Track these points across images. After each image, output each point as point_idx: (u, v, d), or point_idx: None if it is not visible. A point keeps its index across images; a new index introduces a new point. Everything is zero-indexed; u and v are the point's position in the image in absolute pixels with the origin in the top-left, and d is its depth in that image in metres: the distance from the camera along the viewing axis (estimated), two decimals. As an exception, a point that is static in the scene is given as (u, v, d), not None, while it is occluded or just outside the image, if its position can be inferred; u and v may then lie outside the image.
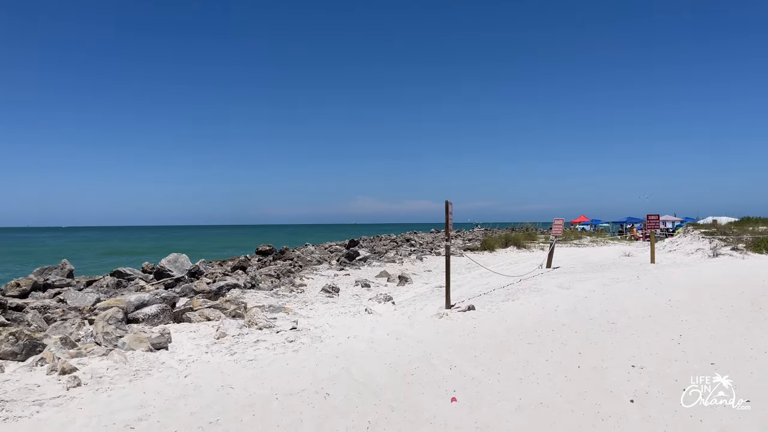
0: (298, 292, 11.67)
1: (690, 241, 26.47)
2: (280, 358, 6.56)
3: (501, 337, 7.44)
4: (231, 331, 7.71)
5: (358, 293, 12.06)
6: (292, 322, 8.40)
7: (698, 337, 7.17)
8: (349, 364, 6.26)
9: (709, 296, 10.80)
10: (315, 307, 10.16)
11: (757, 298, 10.48)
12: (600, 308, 9.69)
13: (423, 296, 11.75)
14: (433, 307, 10.16)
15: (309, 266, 17.41)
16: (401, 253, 23.33)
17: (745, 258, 21.01)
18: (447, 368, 5.98)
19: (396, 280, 14.36)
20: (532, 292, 12.07)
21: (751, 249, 22.10)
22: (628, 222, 51.78)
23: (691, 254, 23.35)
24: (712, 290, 11.72)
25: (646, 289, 12.34)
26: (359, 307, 10.10)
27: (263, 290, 11.45)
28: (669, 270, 16.94)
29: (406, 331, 8.04)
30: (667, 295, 11.01)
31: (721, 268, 17.01)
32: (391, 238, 33.73)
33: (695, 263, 19.63)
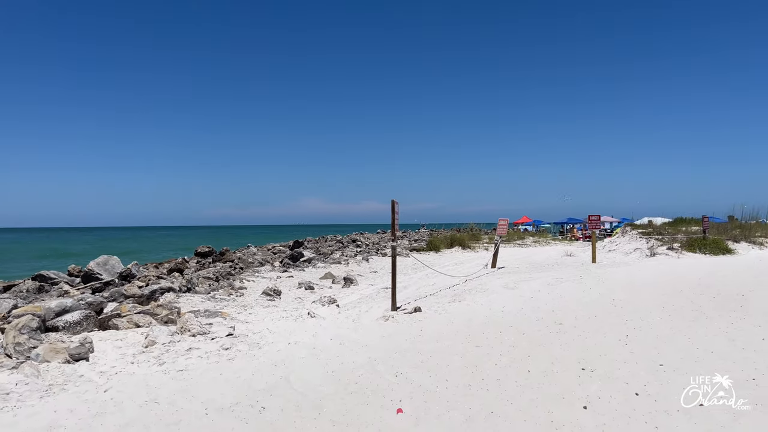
0: (238, 296, 11.12)
1: (628, 241, 27.22)
2: (213, 368, 6.07)
3: (448, 341, 7.19)
4: (161, 339, 7.15)
5: (301, 296, 11.61)
6: (228, 328, 7.89)
7: (644, 337, 7.12)
8: (288, 373, 5.85)
9: (650, 295, 10.92)
10: (255, 311, 9.66)
11: (696, 297, 10.67)
12: (546, 308, 9.61)
13: (368, 298, 11.41)
14: (378, 309, 9.84)
15: (250, 268, 16.79)
16: (347, 254, 22.94)
17: (681, 257, 21.71)
18: (393, 375, 5.65)
19: (341, 281, 13.97)
20: (478, 292, 11.93)
21: (686, 248, 22.86)
22: (569, 223, 53.11)
23: (630, 254, 23.98)
24: (652, 289, 11.89)
25: (590, 288, 12.41)
26: (302, 310, 9.67)
27: (200, 294, 10.83)
28: (610, 269, 17.22)
29: (350, 335, 7.68)
30: (610, 295, 11.08)
31: (658, 267, 17.43)
32: (336, 239, 33.26)
33: (634, 262, 20.10)
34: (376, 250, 25.73)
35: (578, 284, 13.27)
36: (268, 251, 22.55)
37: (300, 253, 19.84)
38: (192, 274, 14.63)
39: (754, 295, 10.79)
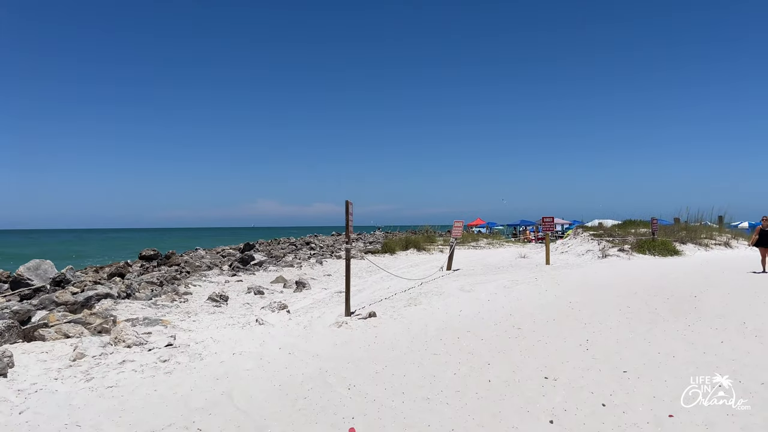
0: (181, 302, 10.47)
1: (580, 243, 27.56)
2: (147, 383, 5.52)
3: (404, 348, 6.82)
4: (92, 351, 6.53)
5: (250, 301, 11.05)
6: (169, 338, 7.31)
7: (604, 341, 6.93)
8: (231, 388, 5.36)
9: (606, 297, 10.85)
10: (199, 318, 9.06)
11: (650, 299, 10.66)
12: (503, 312, 9.38)
13: (321, 303, 10.95)
14: (331, 314, 9.40)
15: (198, 272, 16.05)
16: (300, 256, 22.37)
17: (631, 259, 22.05)
18: (345, 388, 5.24)
19: (293, 285, 13.45)
20: (434, 295, 11.64)
21: (636, 250, 23.26)
22: (522, 225, 53.73)
23: (582, 255, 24.24)
24: (607, 291, 11.86)
25: (546, 290, 12.30)
26: (250, 317, 9.13)
27: (140, 300, 10.14)
28: (564, 271, 17.26)
29: (300, 344, 7.22)
30: (567, 297, 10.96)
31: (611, 269, 17.60)
32: (290, 242, 32.56)
33: (587, 264, 20.28)
34: (330, 253, 25.23)
35: (534, 286, 13.15)
36: (218, 254, 21.75)
37: (251, 256, 19.16)
38: (134, 279, 13.83)
39: (705, 296, 10.87)
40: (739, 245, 25.93)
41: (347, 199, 9.47)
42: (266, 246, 28.54)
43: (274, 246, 28.62)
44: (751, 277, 14.29)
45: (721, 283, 12.90)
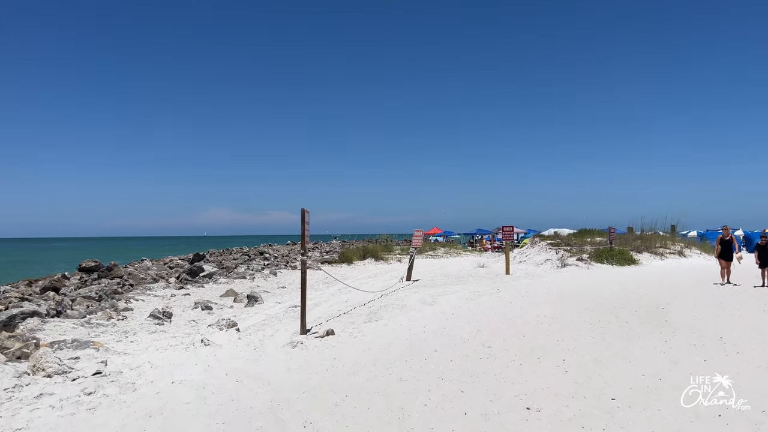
0: (119, 320, 9.50)
1: (538, 252, 27.46)
2: (65, 424, 4.68)
3: (366, 373, 6.14)
4: (3, 383, 5.61)
5: (197, 318, 10.16)
6: (98, 364, 6.43)
7: (582, 361, 6.43)
8: (165, 426, 4.57)
9: (575, 310, 10.45)
10: (137, 338, 8.16)
11: (618, 311, 10.30)
12: (470, 328, 8.81)
13: (275, 319, 10.17)
14: (286, 332, 8.65)
15: (141, 285, 14.97)
16: (253, 267, 21.40)
17: (590, 268, 21.98)
18: (300, 426, 4.53)
19: (244, 299, 12.58)
20: (395, 309, 11.01)
21: (594, 259, 23.23)
22: (478, 233, 53.82)
23: (541, 264, 24.09)
24: (573, 303, 11.47)
25: (510, 303, 11.84)
26: (195, 336, 8.28)
27: (73, 318, 9.14)
28: (525, 281, 16.93)
29: (250, 369, 6.45)
30: (533, 310, 10.50)
31: (573, 279, 17.36)
32: (243, 252, 31.38)
33: (547, 274, 20.05)
34: (285, 263, 24.32)
35: (497, 298, 12.69)
36: (165, 265, 20.56)
37: (200, 267, 18.12)
38: (69, 293, 12.71)
39: (673, 308, 10.60)
40: (692, 254, 26.30)
41: (303, 207, 8.76)
42: (217, 256, 27.36)
43: (226, 256, 27.46)
44: (712, 288, 14.22)
45: (685, 294, 12.73)
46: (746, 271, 16.85)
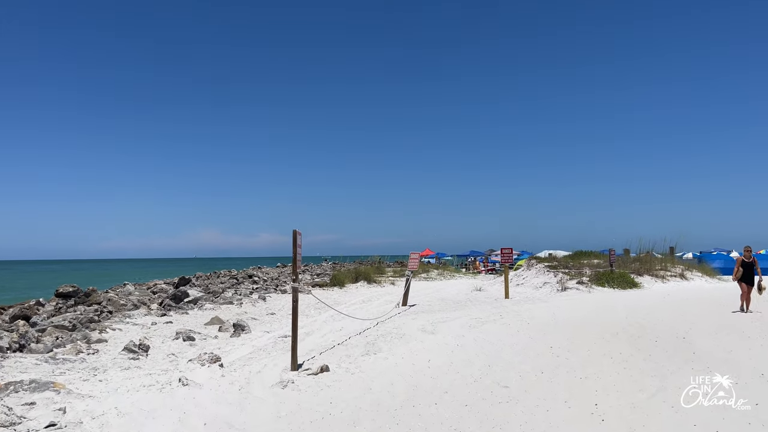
0: (90, 353, 8.56)
1: (536, 275, 26.68)
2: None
3: (369, 422, 5.28)
4: (-63, 439, 4.70)
5: (177, 351, 9.23)
6: (56, 411, 5.52)
7: (618, 406, 5.60)
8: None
9: (590, 340, 9.63)
10: (108, 376, 7.24)
11: (636, 341, 9.50)
12: (480, 362, 7.97)
13: (263, 351, 9.27)
14: (275, 368, 7.76)
15: (121, 312, 14.00)
16: (241, 292, 20.45)
17: (591, 292, 21.20)
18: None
19: (230, 328, 11.66)
20: (394, 338, 10.15)
21: (595, 282, 22.48)
22: (471, 255, 53.10)
23: (540, 288, 23.28)
24: (585, 332, 10.66)
25: (518, 332, 11.02)
26: (172, 374, 7.38)
27: (36, 353, 8.20)
28: (527, 306, 16.12)
29: (233, 417, 5.57)
30: (544, 340, 9.68)
31: (577, 304, 16.57)
32: (231, 275, 30.36)
33: (548, 298, 19.25)
34: (275, 287, 23.39)
35: (502, 326, 11.86)
36: (148, 290, 19.56)
37: (185, 292, 17.16)
38: (41, 322, 11.74)
39: (694, 337, 9.80)
40: (694, 277, 25.64)
41: (295, 228, 7.94)
42: (204, 280, 26.35)
43: (213, 280, 26.46)
44: (729, 314, 13.46)
45: (701, 321, 11.96)
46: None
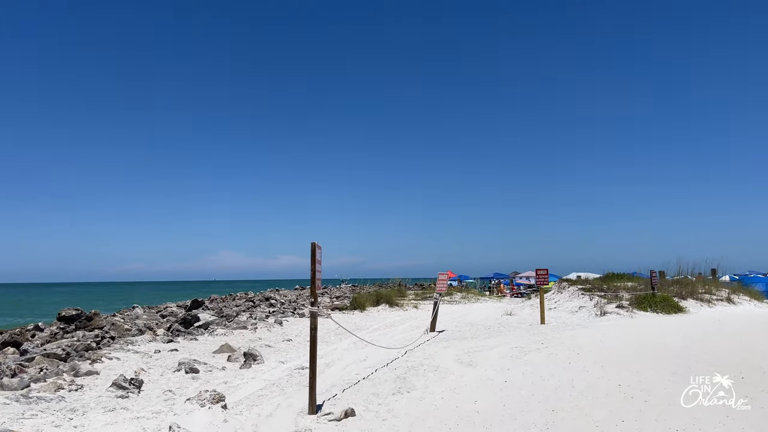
0: (73, 389, 7.28)
1: (569, 298, 25.04)
2: None
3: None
4: None
5: (176, 386, 7.91)
6: (3, 475, 4.23)
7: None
8: None
9: (664, 377, 8.11)
10: (85, 421, 5.95)
11: (715, 377, 7.97)
12: (538, 405, 6.53)
13: (276, 387, 7.93)
14: (289, 410, 6.41)
15: (124, 338, 12.77)
16: (257, 315, 19.14)
17: (633, 317, 19.52)
18: None
19: (240, 358, 10.34)
20: (428, 372, 8.75)
21: (636, 307, 20.81)
22: (495, 278, 51.39)
23: (576, 312, 21.64)
24: (651, 365, 9.13)
25: (569, 363, 9.54)
26: (165, 418, 6.06)
27: (8, 390, 6.95)
28: (569, 333, 14.58)
29: (232, 484, 4.21)
30: (607, 376, 8.19)
31: (623, 331, 14.99)
32: (247, 297, 29.10)
33: (588, 323, 17.64)
34: (292, 310, 22.08)
35: (548, 357, 10.39)
36: (157, 314, 18.36)
37: (195, 316, 15.92)
38: (32, 350, 10.56)
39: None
40: (741, 301, 23.77)
41: (313, 241, 6.63)
42: (219, 303, 25.13)
43: (228, 302, 25.23)
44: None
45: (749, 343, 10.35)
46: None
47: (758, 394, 6.77)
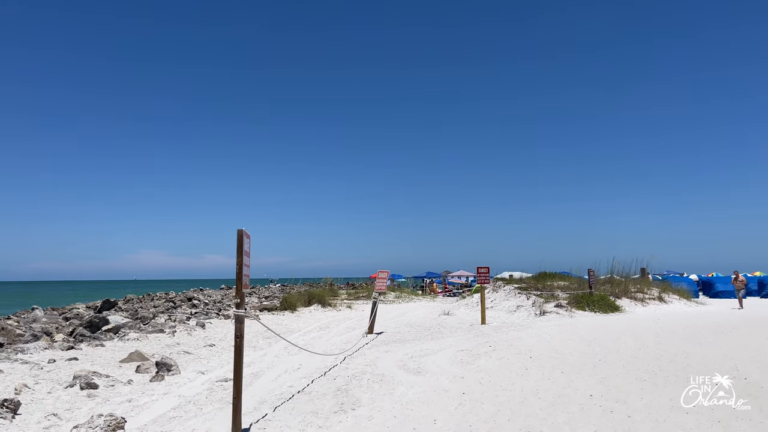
0: None
1: (505, 297, 24.59)
2: None
3: None
4: None
5: (63, 409, 6.39)
6: None
7: None
8: None
9: (628, 382, 7.36)
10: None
11: (686, 382, 7.32)
12: (512, 426, 5.53)
13: (192, 405, 6.57)
14: (206, 439, 5.11)
15: (14, 345, 10.91)
16: (177, 317, 17.40)
17: (573, 316, 19.16)
18: None
19: (152, 368, 8.83)
20: (373, 383, 7.63)
21: (574, 306, 20.53)
22: (428, 277, 50.99)
23: (515, 312, 21.13)
24: (615, 371, 8.42)
25: (526, 370, 8.68)
26: (39, 455, 4.62)
27: None
28: (513, 335, 13.85)
29: None
30: (571, 384, 7.35)
31: (568, 331, 14.41)
32: (168, 297, 26.94)
33: (531, 324, 17.06)
34: (217, 311, 20.39)
35: (501, 362, 9.51)
36: (61, 316, 16.28)
37: (104, 319, 14.07)
38: None
39: (749, 373, 7.71)
40: (672, 300, 24.09)
41: (240, 228, 5.35)
42: (135, 303, 23.01)
43: (146, 303, 23.14)
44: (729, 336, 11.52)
45: (737, 352, 9.92)
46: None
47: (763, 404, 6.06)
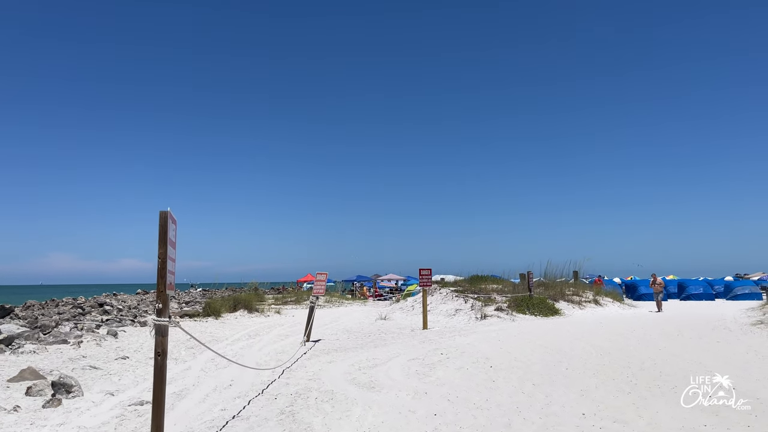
0: None
1: (442, 301, 23.88)
2: None
3: None
4: None
5: None
6: None
7: None
8: None
9: (606, 393, 6.55)
10: None
11: (666, 386, 6.62)
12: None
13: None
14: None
15: None
16: (85, 325, 15.36)
17: (515, 320, 18.62)
18: None
19: (46, 389, 7.20)
20: (323, 402, 6.44)
21: (515, 309, 20.04)
22: (358, 280, 49.92)
23: (454, 315, 20.38)
24: (593, 379, 7.64)
25: (493, 381, 7.77)
26: None
27: None
28: (459, 340, 12.98)
29: None
30: (549, 397, 6.47)
31: (517, 335, 13.71)
32: (75, 303, 24.37)
33: (475, 328, 16.29)
34: (132, 318, 18.35)
35: (460, 372, 8.55)
36: (-59, 325, 13.94)
37: (-6, 327, 11.99)
38: None
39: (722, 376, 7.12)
40: (606, 303, 24.19)
41: (164, 209, 4.04)
42: (36, 310, 20.50)
43: (49, 309, 20.66)
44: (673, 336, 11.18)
45: (701, 356, 9.44)
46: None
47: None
